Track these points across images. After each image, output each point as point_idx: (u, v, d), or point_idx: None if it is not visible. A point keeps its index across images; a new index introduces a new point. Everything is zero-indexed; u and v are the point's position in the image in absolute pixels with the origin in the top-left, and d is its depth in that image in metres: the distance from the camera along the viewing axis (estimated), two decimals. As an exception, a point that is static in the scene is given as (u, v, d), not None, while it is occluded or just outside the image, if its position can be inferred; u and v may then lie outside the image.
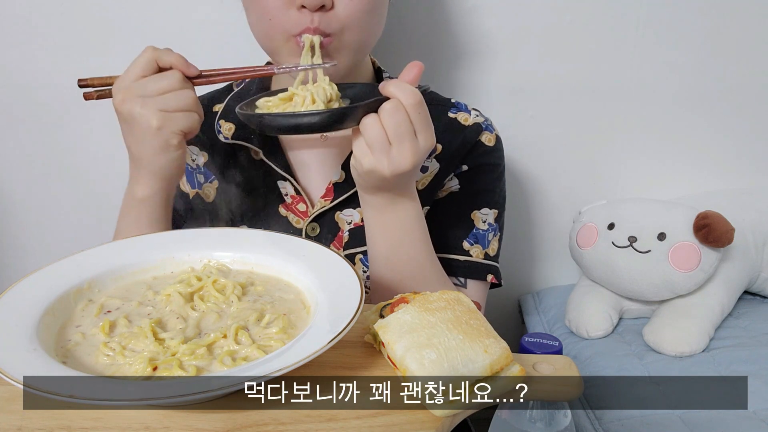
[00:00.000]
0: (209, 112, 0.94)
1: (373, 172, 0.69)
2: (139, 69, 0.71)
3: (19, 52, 1.17)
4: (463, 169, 0.93)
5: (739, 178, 1.33)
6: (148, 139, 0.72)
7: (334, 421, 0.48)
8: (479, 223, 0.93)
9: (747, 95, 1.28)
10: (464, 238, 0.92)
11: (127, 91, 0.71)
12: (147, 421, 0.48)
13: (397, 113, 0.66)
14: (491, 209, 0.94)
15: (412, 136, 0.68)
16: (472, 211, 0.93)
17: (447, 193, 0.93)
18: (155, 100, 0.70)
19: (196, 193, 0.93)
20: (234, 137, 0.91)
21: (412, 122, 0.67)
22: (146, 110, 0.70)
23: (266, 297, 0.60)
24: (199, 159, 0.93)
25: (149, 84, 0.71)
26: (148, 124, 0.70)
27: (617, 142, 1.30)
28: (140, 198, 0.76)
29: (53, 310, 0.56)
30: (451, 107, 0.96)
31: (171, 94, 0.71)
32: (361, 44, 0.82)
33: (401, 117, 0.67)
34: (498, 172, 0.96)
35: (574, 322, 1.20)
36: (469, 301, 0.55)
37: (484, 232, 0.93)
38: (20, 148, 1.22)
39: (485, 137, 0.94)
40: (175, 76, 0.72)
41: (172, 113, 0.71)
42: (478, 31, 1.20)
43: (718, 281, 1.17)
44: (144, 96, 0.70)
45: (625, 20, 1.21)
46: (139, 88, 0.71)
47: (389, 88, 0.68)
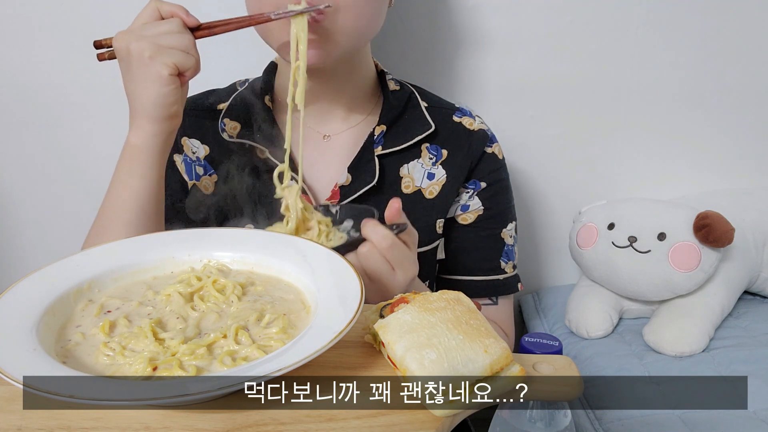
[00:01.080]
0: (213, 109, 0.95)
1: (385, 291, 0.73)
2: (143, 18, 0.75)
3: (19, 52, 1.17)
4: (481, 187, 0.96)
5: (740, 178, 1.33)
6: (141, 71, 0.73)
7: (334, 421, 0.48)
8: (508, 239, 0.98)
9: (747, 95, 1.28)
10: (500, 258, 0.97)
11: (129, 31, 0.74)
12: (147, 421, 0.48)
13: (371, 256, 0.71)
14: (512, 222, 0.99)
15: (390, 272, 0.72)
16: (501, 230, 0.97)
17: (475, 216, 0.96)
18: (152, 36, 0.73)
19: (194, 185, 0.93)
20: (239, 136, 0.91)
21: (389, 261, 0.71)
22: (141, 43, 0.72)
23: (266, 297, 0.60)
24: (199, 151, 0.93)
25: (149, 27, 0.74)
26: (140, 54, 0.72)
27: (617, 143, 1.30)
28: (134, 144, 0.77)
29: (53, 310, 0.56)
30: (455, 111, 0.97)
31: (168, 35, 0.73)
32: (355, 31, 0.81)
33: (376, 259, 0.71)
34: (509, 184, 1.00)
35: (574, 322, 1.20)
36: (469, 301, 0.55)
37: (512, 247, 0.99)
38: (20, 148, 1.22)
39: (496, 149, 0.97)
40: (175, 21, 0.75)
41: (166, 47, 0.73)
42: (478, 31, 1.20)
43: (718, 281, 1.17)
44: (143, 36, 0.73)
45: (625, 20, 1.21)
46: (139, 30, 0.74)
47: (365, 230, 0.72)
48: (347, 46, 0.82)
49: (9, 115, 1.21)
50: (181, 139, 0.93)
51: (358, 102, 0.93)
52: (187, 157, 0.93)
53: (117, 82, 0.77)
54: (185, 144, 0.93)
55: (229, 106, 0.94)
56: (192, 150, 0.93)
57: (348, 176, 0.89)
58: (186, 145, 0.93)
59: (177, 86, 0.75)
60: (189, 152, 0.93)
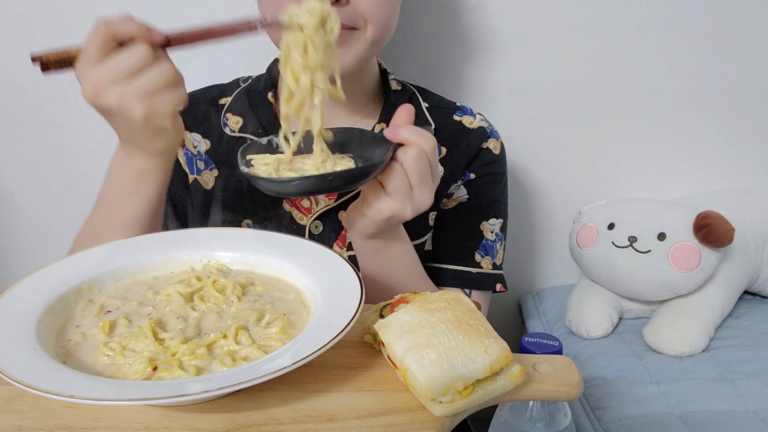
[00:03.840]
0: (215, 104, 0.94)
1: (395, 216, 0.69)
2: (97, 49, 0.60)
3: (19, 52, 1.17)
4: (470, 177, 0.94)
5: (740, 178, 1.33)
6: (137, 131, 0.64)
7: (334, 421, 0.48)
8: (488, 233, 0.95)
9: (747, 95, 1.28)
10: (476, 250, 0.94)
11: (95, 80, 0.60)
12: (147, 421, 0.48)
13: (421, 161, 0.66)
14: (498, 219, 0.96)
15: (431, 178, 0.68)
16: (481, 222, 0.94)
17: (456, 203, 0.94)
18: (131, 86, 0.60)
19: (195, 179, 0.93)
20: (241, 130, 0.91)
21: (431, 164, 0.68)
22: (125, 101, 0.60)
23: (266, 297, 0.60)
24: (201, 146, 0.93)
25: (115, 66, 0.60)
26: (132, 117, 0.61)
27: (617, 142, 1.30)
28: (140, 169, 0.69)
29: (53, 310, 0.56)
30: (456, 110, 0.96)
31: (145, 73, 0.60)
32: (378, 40, 0.83)
33: (424, 163, 0.66)
34: (503, 181, 0.97)
35: (574, 322, 1.20)
36: (469, 301, 0.55)
37: (492, 243, 0.95)
38: (20, 148, 1.22)
39: (492, 144, 0.95)
40: (142, 48, 0.61)
41: (155, 96, 0.61)
42: (478, 31, 1.20)
43: (718, 281, 1.17)
44: (116, 81, 0.60)
45: (625, 20, 1.21)
46: (106, 74, 0.60)
47: (404, 135, 0.66)
48: (368, 54, 0.84)
49: (9, 115, 1.21)
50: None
51: (362, 101, 0.94)
52: (188, 151, 0.93)
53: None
54: (186, 138, 0.93)
55: (232, 102, 0.94)
56: (193, 144, 0.93)
57: None
58: (187, 138, 0.93)
59: (179, 122, 0.67)
60: (190, 146, 0.93)
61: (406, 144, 0.66)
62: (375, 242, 0.75)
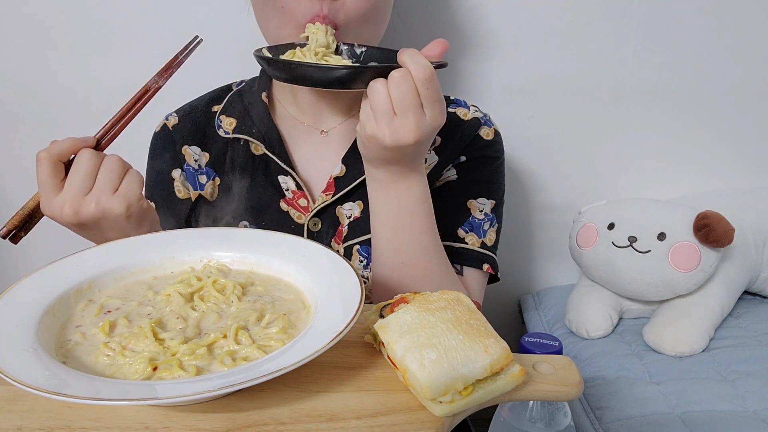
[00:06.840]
0: (208, 111, 0.95)
1: (374, 138, 0.68)
2: (52, 178, 0.68)
3: (19, 52, 1.17)
4: (461, 161, 0.93)
5: (740, 178, 1.33)
6: (124, 227, 0.70)
7: (334, 421, 0.48)
8: (475, 212, 0.92)
9: (747, 95, 1.28)
10: (459, 226, 0.91)
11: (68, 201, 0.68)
12: (147, 421, 0.48)
13: (404, 84, 0.65)
14: (489, 199, 0.93)
15: (418, 110, 0.66)
16: (468, 199, 0.92)
17: (443, 182, 0.93)
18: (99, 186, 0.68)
19: (199, 195, 0.93)
20: (235, 131, 0.91)
21: (420, 95, 0.66)
22: (104, 202, 0.68)
23: (266, 297, 0.60)
24: (201, 159, 0.93)
25: (76, 178, 0.68)
26: (116, 214, 0.69)
27: (617, 142, 1.30)
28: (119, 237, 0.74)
29: (53, 310, 0.56)
30: (450, 103, 0.97)
31: (102, 171, 0.69)
32: (366, 39, 0.83)
33: (407, 88, 0.65)
34: (496, 164, 0.95)
35: (574, 322, 1.20)
36: (469, 301, 0.55)
37: (480, 221, 0.92)
38: (20, 148, 1.22)
39: (483, 131, 0.94)
40: (87, 153, 0.69)
41: (122, 187, 0.69)
42: (477, 31, 1.20)
43: (718, 281, 1.17)
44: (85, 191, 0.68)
45: (625, 20, 1.21)
46: (74, 189, 0.68)
47: (402, 57, 0.66)
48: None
49: (9, 115, 1.21)
50: (182, 149, 0.93)
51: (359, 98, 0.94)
52: (189, 167, 0.93)
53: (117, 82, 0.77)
54: (186, 153, 0.93)
55: (225, 104, 0.94)
56: (194, 158, 0.93)
57: (342, 167, 0.89)
58: (187, 153, 0.93)
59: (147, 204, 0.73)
60: (191, 161, 0.93)
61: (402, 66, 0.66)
62: (380, 172, 0.75)
